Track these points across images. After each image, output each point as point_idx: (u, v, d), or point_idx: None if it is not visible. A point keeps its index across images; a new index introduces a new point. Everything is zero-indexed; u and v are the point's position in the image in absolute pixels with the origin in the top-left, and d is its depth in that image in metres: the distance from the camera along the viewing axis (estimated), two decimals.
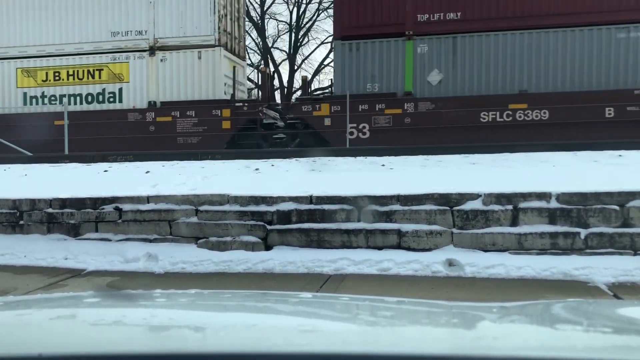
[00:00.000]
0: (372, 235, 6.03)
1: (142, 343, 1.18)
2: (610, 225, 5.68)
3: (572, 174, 6.66)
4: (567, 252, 5.66)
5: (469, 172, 7.27)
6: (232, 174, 7.86)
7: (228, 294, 2.20)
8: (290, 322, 1.42)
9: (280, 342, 1.15)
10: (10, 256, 6.46)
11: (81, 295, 2.30)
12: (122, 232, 6.71)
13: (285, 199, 6.37)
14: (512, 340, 1.22)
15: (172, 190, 6.89)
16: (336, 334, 1.27)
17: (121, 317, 1.44)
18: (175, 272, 5.89)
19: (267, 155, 10.14)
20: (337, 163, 8.52)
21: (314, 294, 3.29)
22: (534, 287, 4.98)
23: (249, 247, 6.27)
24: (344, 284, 5.26)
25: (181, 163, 9.17)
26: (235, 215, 6.45)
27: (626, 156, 7.89)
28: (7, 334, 1.24)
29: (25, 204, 7.12)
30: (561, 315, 1.45)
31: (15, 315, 1.52)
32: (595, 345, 1.19)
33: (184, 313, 1.54)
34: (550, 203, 5.83)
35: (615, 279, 5.07)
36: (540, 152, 8.60)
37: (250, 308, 1.61)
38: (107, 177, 8.04)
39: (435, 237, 5.94)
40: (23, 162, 10.64)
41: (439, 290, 4.93)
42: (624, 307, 1.88)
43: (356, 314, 1.55)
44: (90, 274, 5.94)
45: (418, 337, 1.25)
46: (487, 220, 5.89)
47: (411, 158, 8.69)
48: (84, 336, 1.24)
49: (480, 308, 1.56)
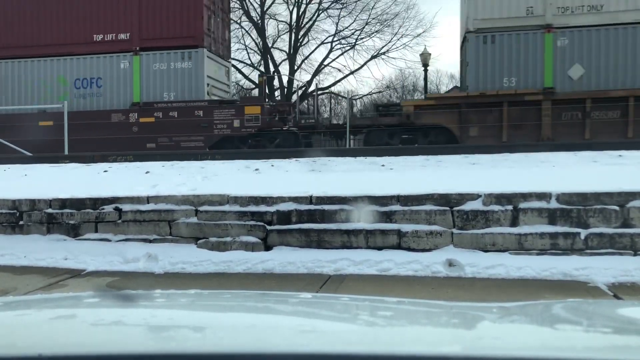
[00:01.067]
0: (372, 236, 6.03)
1: (142, 343, 1.18)
2: (610, 226, 5.68)
3: (572, 174, 6.66)
4: (567, 252, 5.66)
5: (469, 173, 7.27)
6: (232, 174, 7.86)
7: (228, 294, 2.20)
8: (290, 323, 1.42)
9: (280, 342, 1.15)
10: (10, 256, 6.45)
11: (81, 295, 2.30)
12: (122, 233, 6.71)
13: (285, 199, 6.37)
14: (512, 340, 1.22)
15: (172, 190, 6.89)
16: (336, 334, 1.27)
17: (121, 317, 1.44)
18: (175, 273, 5.88)
19: (267, 156, 10.14)
20: (337, 163, 8.52)
21: (313, 294, 3.29)
22: (534, 288, 4.98)
23: (249, 247, 6.27)
24: (344, 284, 5.26)
25: (181, 163, 9.17)
26: (235, 215, 6.44)
27: (626, 156, 7.90)
28: (7, 334, 1.24)
29: (25, 204, 7.12)
30: (561, 315, 1.45)
31: (15, 315, 1.52)
32: (595, 345, 1.19)
33: (184, 313, 1.54)
34: (550, 203, 5.83)
35: (616, 279, 5.07)
36: (540, 152, 8.60)
37: (250, 308, 1.61)
38: (107, 177, 8.05)
39: (435, 238, 5.94)
40: (23, 162, 10.63)
41: (439, 291, 4.93)
42: (624, 307, 1.88)
43: (356, 314, 1.55)
44: (90, 274, 5.94)
45: (418, 337, 1.25)
46: (487, 221, 5.89)
47: (411, 158, 8.69)
48: (83, 336, 1.24)
49: (480, 308, 1.56)
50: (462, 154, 8.95)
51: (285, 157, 9.60)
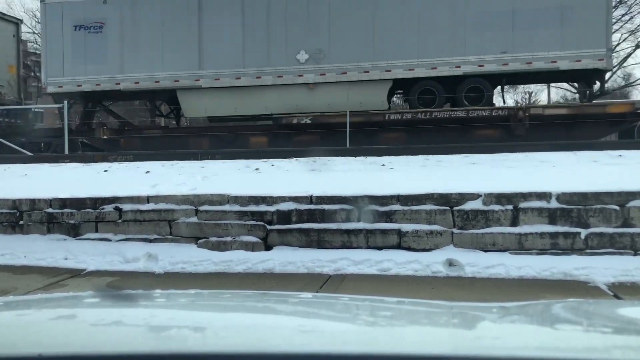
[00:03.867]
0: (372, 235, 6.03)
1: (142, 343, 1.18)
2: (611, 225, 5.68)
3: (572, 174, 6.65)
4: (568, 252, 5.66)
5: (469, 172, 7.26)
6: (232, 173, 7.86)
7: (228, 294, 2.20)
8: (290, 322, 1.42)
9: (280, 342, 1.15)
10: (10, 256, 6.45)
11: (81, 295, 2.29)
12: (122, 232, 6.71)
13: (285, 199, 6.37)
14: (512, 340, 1.22)
15: (172, 190, 6.89)
16: (336, 334, 1.27)
17: (121, 317, 1.44)
18: (175, 272, 5.88)
19: (267, 155, 10.13)
20: (337, 163, 8.51)
21: (314, 294, 3.29)
22: (534, 287, 4.98)
23: (249, 247, 6.27)
24: (344, 284, 5.26)
25: (181, 163, 9.17)
26: (235, 215, 6.44)
27: (626, 156, 7.89)
28: (7, 334, 1.24)
29: (25, 204, 7.12)
30: (561, 315, 1.45)
31: (15, 315, 1.52)
32: (595, 345, 1.19)
33: (184, 313, 1.54)
34: (551, 203, 5.83)
35: (616, 279, 5.07)
36: (540, 152, 8.60)
37: (250, 308, 1.61)
38: (107, 177, 8.04)
39: (436, 237, 5.94)
40: (23, 162, 10.63)
41: (439, 290, 4.93)
42: (624, 307, 1.88)
43: (356, 314, 1.55)
44: (90, 274, 5.94)
45: (418, 337, 1.25)
46: (487, 220, 5.89)
47: (411, 158, 8.68)
48: (84, 336, 1.24)
49: (480, 308, 1.56)
50: (462, 154, 8.95)
51: (286, 156, 9.60)
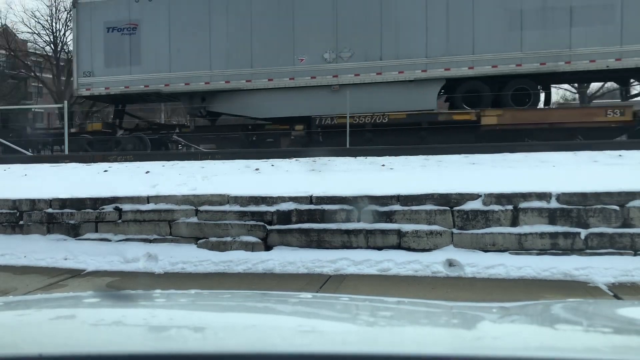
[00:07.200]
0: (372, 236, 6.03)
1: (142, 343, 1.18)
2: (611, 226, 5.68)
3: (572, 174, 6.65)
4: (567, 252, 5.65)
5: (469, 172, 7.26)
6: (232, 174, 7.85)
7: (228, 294, 2.20)
8: (290, 323, 1.42)
9: (280, 342, 1.15)
10: (10, 256, 6.45)
11: (81, 295, 2.30)
12: (122, 233, 6.71)
13: (285, 199, 6.37)
14: (512, 340, 1.22)
15: (172, 190, 6.89)
16: (336, 334, 1.27)
17: (121, 317, 1.44)
18: (175, 272, 5.88)
19: (267, 155, 10.14)
20: (337, 163, 8.51)
21: (313, 294, 3.29)
22: (534, 287, 4.97)
23: (249, 247, 6.27)
24: (344, 284, 5.26)
25: (181, 163, 9.17)
26: (235, 215, 6.44)
27: (626, 156, 7.89)
28: (7, 334, 1.24)
29: (25, 204, 7.12)
30: (561, 315, 1.45)
31: (15, 315, 1.52)
32: (595, 345, 1.19)
33: (184, 313, 1.54)
34: (551, 203, 5.83)
35: (616, 279, 5.07)
36: (540, 152, 8.60)
37: (250, 308, 1.61)
38: (107, 177, 8.04)
39: (436, 237, 5.93)
40: (23, 162, 10.64)
41: (439, 291, 4.93)
42: (624, 307, 1.88)
43: (356, 314, 1.55)
44: (90, 274, 5.94)
45: (418, 337, 1.25)
46: (487, 221, 5.88)
47: (411, 158, 8.68)
48: (84, 336, 1.24)
49: (480, 308, 1.56)
50: (462, 154, 8.95)
51: (286, 157, 9.61)
